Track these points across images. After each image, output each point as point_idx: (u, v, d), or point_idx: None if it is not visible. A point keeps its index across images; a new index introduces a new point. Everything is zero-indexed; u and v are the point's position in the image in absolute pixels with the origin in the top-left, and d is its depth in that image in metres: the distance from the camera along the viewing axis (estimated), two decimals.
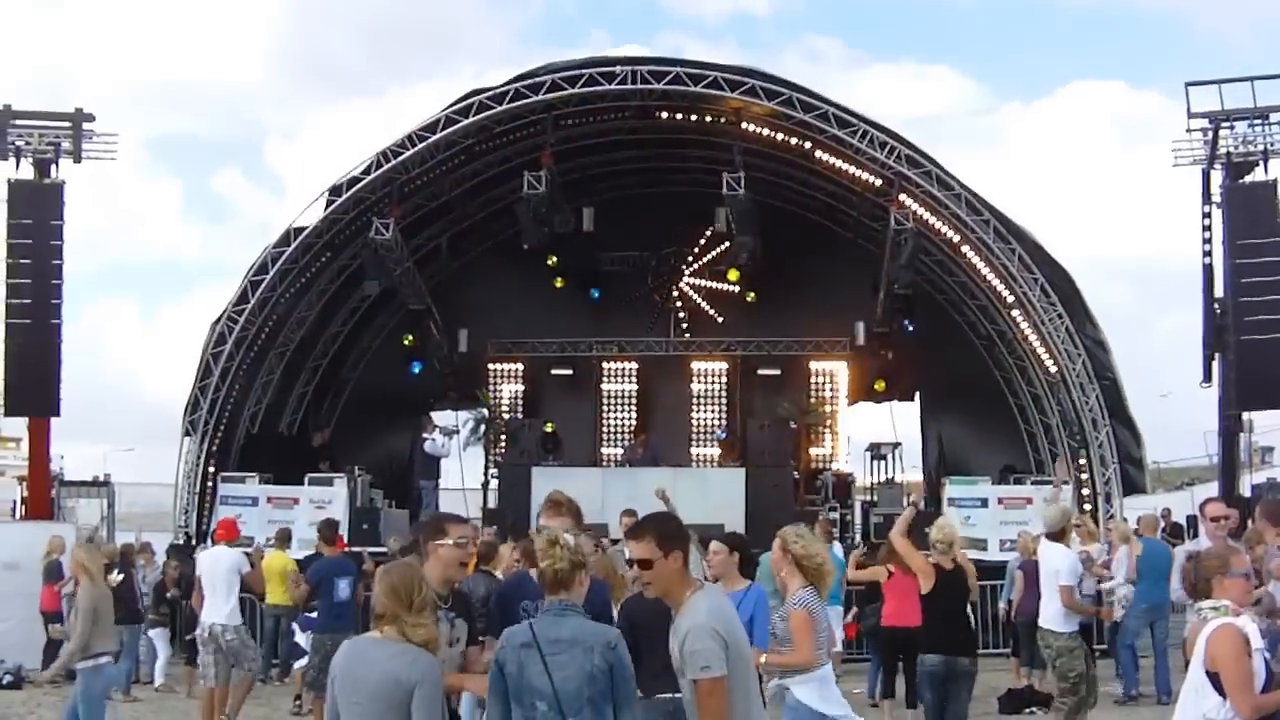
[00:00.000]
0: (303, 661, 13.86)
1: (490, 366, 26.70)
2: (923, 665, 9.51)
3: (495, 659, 5.06)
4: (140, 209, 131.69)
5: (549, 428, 23.54)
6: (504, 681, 4.97)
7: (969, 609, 10.03)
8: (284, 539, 16.81)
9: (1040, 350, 22.41)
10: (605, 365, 26.83)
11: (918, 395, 25.96)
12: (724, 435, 25.78)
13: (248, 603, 14.63)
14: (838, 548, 15.95)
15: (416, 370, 24.66)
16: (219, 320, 21.92)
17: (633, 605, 6.64)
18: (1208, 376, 21.15)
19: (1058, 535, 10.48)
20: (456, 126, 21.56)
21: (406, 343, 24.42)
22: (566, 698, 4.86)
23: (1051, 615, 10.35)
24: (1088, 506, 20.83)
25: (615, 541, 11.23)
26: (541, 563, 5.17)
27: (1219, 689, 5.30)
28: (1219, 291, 20.77)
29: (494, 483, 24.89)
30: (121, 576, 15.92)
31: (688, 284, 26.16)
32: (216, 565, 12.63)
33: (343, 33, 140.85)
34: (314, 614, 12.68)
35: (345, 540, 15.73)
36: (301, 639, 14.19)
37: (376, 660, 4.94)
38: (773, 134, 22.28)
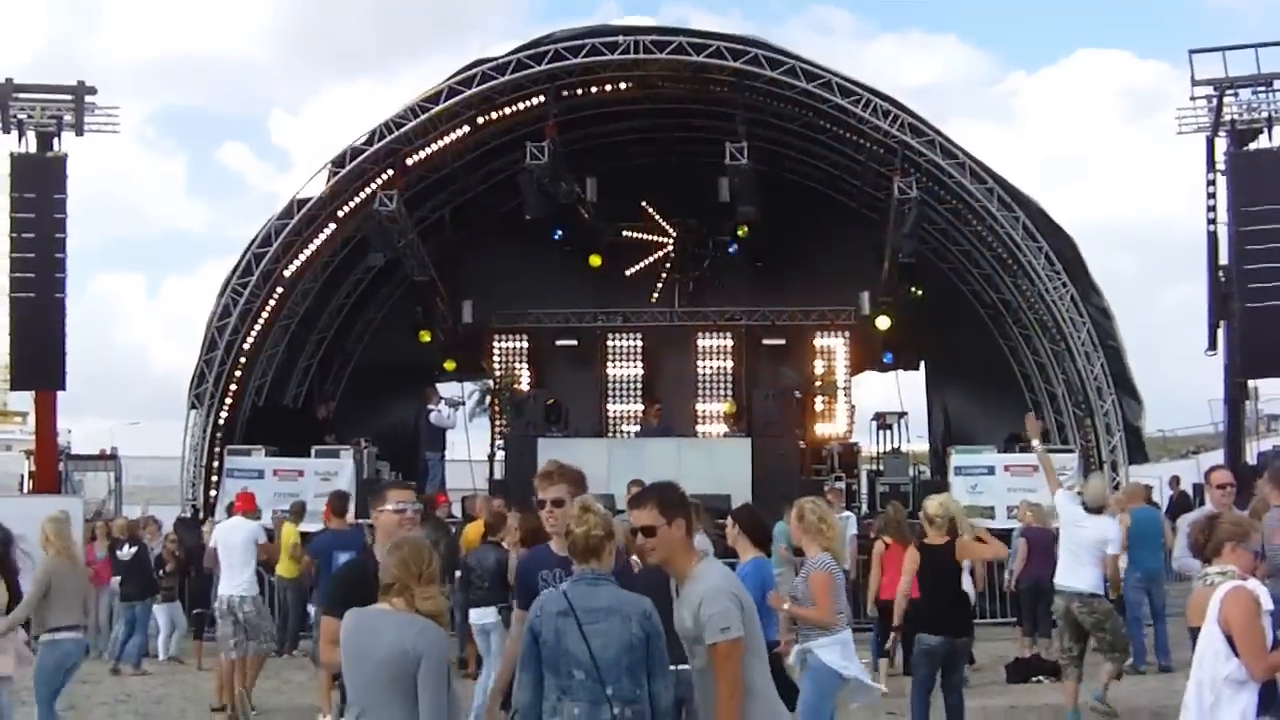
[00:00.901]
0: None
1: (494, 338, 26.73)
2: (920, 644, 9.44)
3: (529, 627, 5.01)
4: (146, 183, 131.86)
5: (550, 400, 23.51)
6: (538, 650, 4.94)
7: (966, 583, 10.09)
8: (298, 512, 16.84)
9: (1045, 318, 22.39)
10: (610, 336, 26.78)
11: (923, 364, 25.98)
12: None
13: (262, 576, 14.60)
14: (851, 520, 15.91)
15: (422, 342, 24.66)
16: (223, 293, 21.91)
17: (636, 578, 6.64)
18: (1213, 344, 21.14)
19: (1099, 509, 10.83)
20: (459, 97, 21.51)
21: (412, 316, 24.43)
22: (605, 666, 4.85)
23: (1095, 581, 10.57)
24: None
25: (619, 511, 11.23)
26: (575, 529, 5.12)
27: (1234, 650, 5.35)
28: (1224, 259, 20.74)
29: (500, 454, 24.93)
30: (135, 549, 16.00)
31: (691, 254, 26.07)
32: (234, 536, 12.64)
33: (351, 8, 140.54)
34: None
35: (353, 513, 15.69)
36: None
37: (384, 630, 4.91)
38: (775, 103, 22.18)
